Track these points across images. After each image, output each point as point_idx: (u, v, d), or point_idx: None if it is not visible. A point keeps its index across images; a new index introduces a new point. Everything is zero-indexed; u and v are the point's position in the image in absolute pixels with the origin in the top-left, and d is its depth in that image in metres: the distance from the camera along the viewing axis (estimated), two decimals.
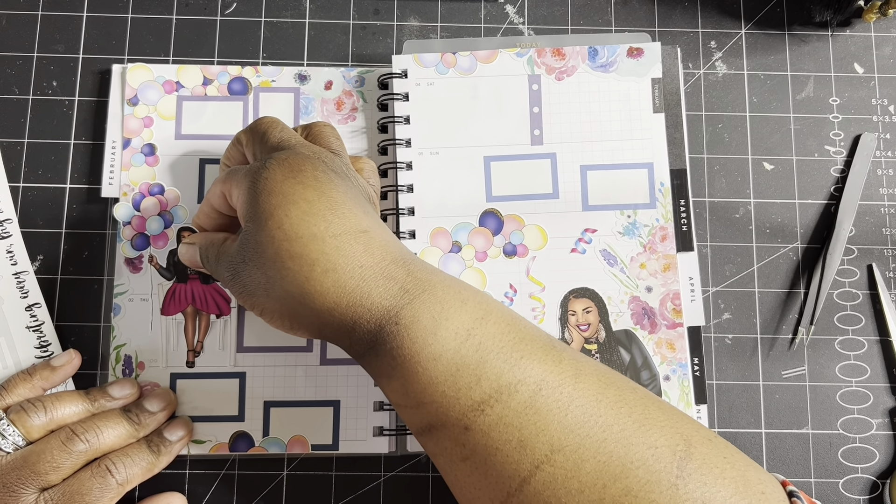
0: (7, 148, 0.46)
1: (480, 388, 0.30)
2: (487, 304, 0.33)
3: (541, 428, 0.29)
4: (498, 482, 0.30)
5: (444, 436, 0.31)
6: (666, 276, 0.44)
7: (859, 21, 0.48)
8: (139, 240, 0.44)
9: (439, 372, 0.30)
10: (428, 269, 0.33)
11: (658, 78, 0.46)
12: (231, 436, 0.42)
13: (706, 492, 0.28)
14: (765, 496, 0.29)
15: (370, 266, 0.32)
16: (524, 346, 0.31)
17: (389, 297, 0.31)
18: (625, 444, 0.29)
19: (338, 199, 0.33)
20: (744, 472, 0.30)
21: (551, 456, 0.29)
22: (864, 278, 0.46)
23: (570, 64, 0.46)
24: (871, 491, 0.43)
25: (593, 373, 0.31)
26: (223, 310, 0.44)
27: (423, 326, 0.31)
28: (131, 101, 0.45)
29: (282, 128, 0.37)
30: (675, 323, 0.43)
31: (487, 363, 0.30)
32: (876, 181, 0.47)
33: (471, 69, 0.46)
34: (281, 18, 0.48)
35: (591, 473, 0.28)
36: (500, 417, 0.30)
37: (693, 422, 0.32)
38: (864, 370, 0.45)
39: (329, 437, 0.42)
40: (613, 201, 0.45)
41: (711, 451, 0.30)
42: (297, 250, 0.32)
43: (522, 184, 0.45)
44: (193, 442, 0.42)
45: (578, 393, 0.30)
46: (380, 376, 0.33)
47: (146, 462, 0.39)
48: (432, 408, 0.31)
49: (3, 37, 0.47)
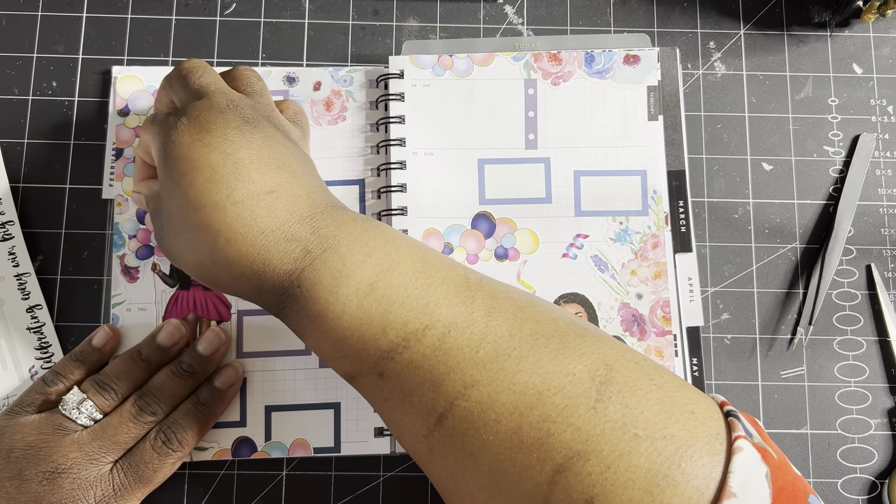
0: (7, 148, 0.46)
1: (387, 338, 0.31)
2: (397, 252, 0.33)
3: (451, 367, 0.30)
4: (417, 419, 0.31)
5: (363, 382, 0.33)
6: (657, 283, 0.44)
7: (858, 21, 0.49)
8: (144, 251, 0.44)
9: (344, 328, 0.31)
10: (337, 222, 0.33)
11: (654, 86, 0.46)
12: (233, 441, 0.42)
13: (627, 413, 0.28)
14: (694, 415, 0.29)
15: (272, 230, 0.32)
16: (433, 291, 0.32)
17: (290, 261, 0.32)
18: (540, 373, 0.29)
19: (245, 159, 0.33)
20: (672, 393, 0.29)
21: (464, 391, 0.30)
22: (862, 278, 0.46)
23: (567, 69, 0.46)
24: (869, 491, 0.43)
25: (509, 308, 0.32)
26: (224, 316, 0.44)
27: (323, 286, 0.31)
28: (122, 111, 0.45)
29: (202, 72, 0.37)
30: (664, 331, 0.43)
31: (392, 314, 0.31)
32: (875, 181, 0.47)
33: (467, 71, 0.46)
34: (280, 19, 0.48)
35: (507, 404, 0.29)
36: (410, 362, 0.31)
37: (620, 346, 0.32)
38: (862, 370, 0.45)
39: (331, 440, 0.42)
40: (606, 207, 0.45)
41: (636, 374, 0.30)
42: (202, 220, 0.33)
43: (516, 187, 0.45)
44: (196, 449, 0.42)
45: (490, 330, 0.31)
46: (297, 333, 0.34)
47: (200, 422, 0.40)
48: (346, 361, 0.32)
49: (3, 37, 0.47)
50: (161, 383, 0.40)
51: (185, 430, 0.39)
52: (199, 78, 0.37)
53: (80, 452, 0.37)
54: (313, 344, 0.33)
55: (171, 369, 0.40)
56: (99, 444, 0.38)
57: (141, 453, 0.38)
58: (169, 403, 0.40)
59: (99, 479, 0.37)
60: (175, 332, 0.42)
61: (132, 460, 0.38)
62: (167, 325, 0.42)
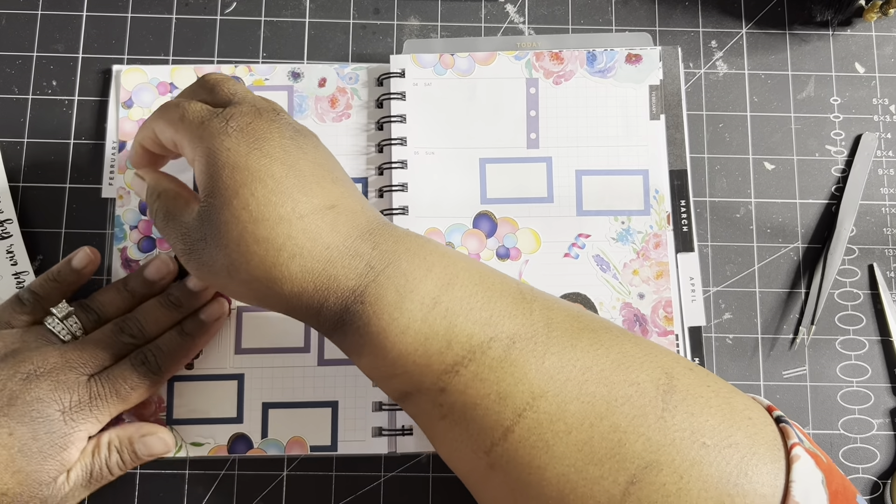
0: (7, 148, 0.46)
1: (452, 351, 0.30)
2: (454, 266, 0.32)
3: (518, 378, 0.30)
4: (480, 434, 0.30)
5: (420, 400, 0.32)
6: (658, 283, 0.44)
7: (860, 20, 0.48)
8: (146, 242, 0.44)
9: (408, 343, 0.31)
10: (394, 238, 0.33)
11: (656, 85, 0.45)
12: (230, 438, 0.42)
13: (694, 422, 0.28)
14: (752, 421, 0.29)
15: (336, 245, 0.32)
16: (493, 304, 0.31)
17: (355, 277, 0.31)
18: (606, 383, 0.29)
19: (306, 171, 0.32)
20: (729, 400, 0.30)
21: (533, 403, 0.29)
22: (864, 278, 0.46)
23: (568, 68, 0.46)
24: (871, 491, 0.43)
25: (565, 319, 0.32)
26: None
27: (388, 302, 0.31)
28: (126, 103, 0.45)
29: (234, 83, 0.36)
30: (666, 330, 0.43)
31: (456, 327, 0.30)
32: (877, 181, 0.47)
33: (469, 70, 0.45)
34: (281, 18, 0.48)
35: (577, 414, 0.29)
36: (475, 374, 0.30)
37: (671, 354, 0.32)
38: (864, 370, 0.45)
39: (328, 438, 0.42)
40: (608, 207, 0.45)
41: (694, 381, 0.30)
42: (264, 234, 0.31)
43: (517, 187, 0.45)
44: (192, 444, 0.42)
45: (553, 341, 0.30)
46: (351, 353, 0.33)
47: (179, 348, 0.40)
48: (405, 377, 0.31)
49: (3, 36, 0.47)
50: (146, 310, 0.40)
51: (165, 354, 0.39)
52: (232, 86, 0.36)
53: (61, 359, 0.37)
54: (369, 362, 0.32)
55: (157, 299, 0.41)
56: (79, 353, 0.38)
57: (120, 369, 0.38)
58: (151, 329, 0.40)
59: (77, 384, 0.37)
60: (163, 267, 0.42)
61: (111, 374, 0.38)
62: (156, 259, 0.42)
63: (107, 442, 0.39)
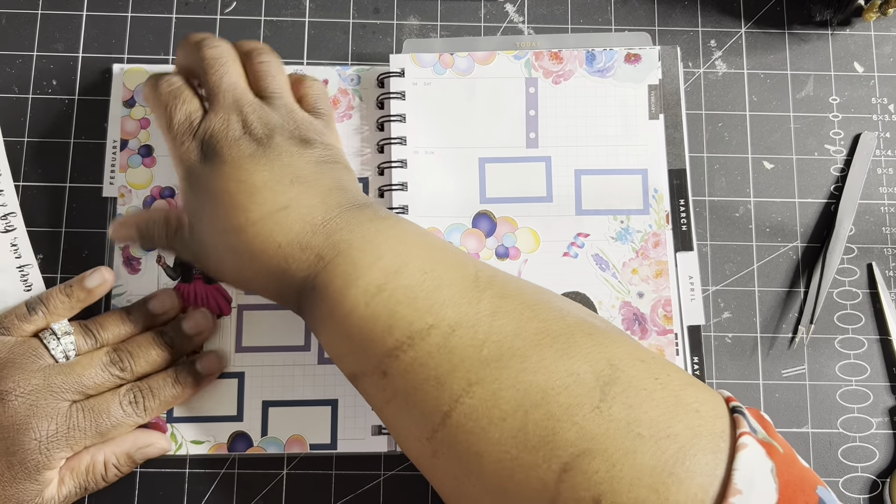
0: (7, 147, 0.46)
1: (392, 336, 0.32)
2: (407, 254, 0.34)
3: (455, 365, 0.31)
4: (422, 419, 0.31)
5: (366, 382, 0.34)
6: (658, 282, 0.44)
7: (859, 20, 0.48)
8: None
9: (352, 326, 0.33)
10: (350, 226, 0.35)
11: (655, 84, 0.46)
12: (230, 436, 0.42)
13: (631, 413, 0.28)
14: (699, 414, 0.29)
15: (287, 242, 0.35)
16: (440, 292, 0.33)
17: (305, 268, 0.35)
18: (544, 372, 0.30)
19: (258, 183, 0.36)
20: (677, 392, 0.30)
21: (469, 388, 0.30)
22: (863, 277, 0.46)
23: (568, 68, 0.46)
24: (870, 490, 0.43)
25: (516, 307, 0.32)
26: (224, 310, 0.44)
27: (335, 288, 0.33)
28: (128, 102, 0.45)
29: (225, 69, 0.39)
30: (665, 329, 0.43)
31: (398, 314, 0.32)
32: (876, 180, 0.47)
33: (468, 70, 0.46)
34: (281, 17, 0.48)
35: (511, 401, 0.29)
36: (415, 360, 0.31)
37: (628, 344, 0.32)
38: (863, 369, 0.45)
39: (327, 437, 0.42)
40: (607, 206, 0.45)
41: (641, 373, 0.30)
42: (229, 243, 0.36)
43: (516, 186, 0.45)
44: (192, 442, 0.42)
45: (495, 329, 0.31)
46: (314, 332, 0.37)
47: (170, 396, 0.40)
48: (351, 358, 0.34)
49: (3, 35, 0.47)
50: (138, 344, 0.40)
51: (155, 399, 0.40)
52: (221, 77, 0.38)
53: (43, 382, 0.37)
54: (326, 341, 0.35)
55: (152, 334, 0.41)
56: (63, 378, 0.38)
57: (106, 403, 0.38)
58: (141, 367, 0.40)
59: (56, 412, 0.37)
60: (166, 301, 0.42)
61: (95, 405, 0.38)
62: (161, 292, 0.42)
63: (102, 460, 0.39)
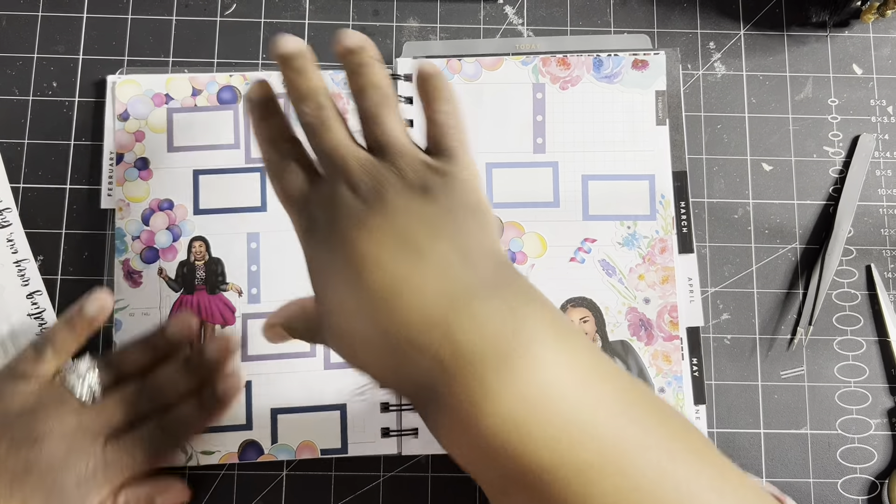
0: (7, 149, 0.46)
1: (537, 457, 0.26)
2: (550, 371, 0.26)
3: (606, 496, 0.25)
4: None
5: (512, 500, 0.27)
6: (664, 287, 0.44)
7: (857, 22, 0.49)
8: (148, 253, 0.44)
9: (488, 446, 0.26)
10: (478, 322, 0.27)
11: (662, 90, 0.46)
12: (240, 445, 0.42)
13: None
14: None
15: (397, 343, 0.28)
16: (591, 413, 0.26)
17: (422, 374, 0.27)
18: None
19: (362, 252, 0.29)
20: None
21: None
22: (862, 279, 0.46)
23: (575, 74, 0.46)
24: (869, 491, 0.43)
25: (684, 448, 0.27)
26: (228, 320, 0.44)
27: (462, 408, 0.26)
28: (122, 116, 0.45)
29: (334, 132, 0.32)
30: (671, 335, 0.43)
31: (540, 438, 0.26)
32: (874, 182, 0.47)
33: (476, 76, 0.46)
34: (280, 19, 0.48)
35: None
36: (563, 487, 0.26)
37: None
38: (862, 371, 0.45)
39: (338, 441, 0.42)
40: (614, 212, 0.45)
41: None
42: (345, 349, 0.31)
43: (523, 191, 0.45)
44: (202, 453, 0.42)
45: (651, 465, 0.26)
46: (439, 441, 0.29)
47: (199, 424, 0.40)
48: (491, 474, 0.27)
49: (3, 38, 0.47)
50: (166, 375, 0.40)
51: (183, 426, 0.40)
52: (330, 141, 0.32)
53: (76, 421, 0.37)
54: (457, 453, 0.28)
55: (176, 365, 0.41)
56: (95, 417, 0.38)
57: (138, 436, 0.38)
58: (170, 395, 0.40)
59: (92, 450, 0.37)
60: (185, 327, 0.42)
61: (128, 441, 0.38)
62: (180, 317, 0.42)
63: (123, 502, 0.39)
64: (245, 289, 0.44)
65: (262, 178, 0.45)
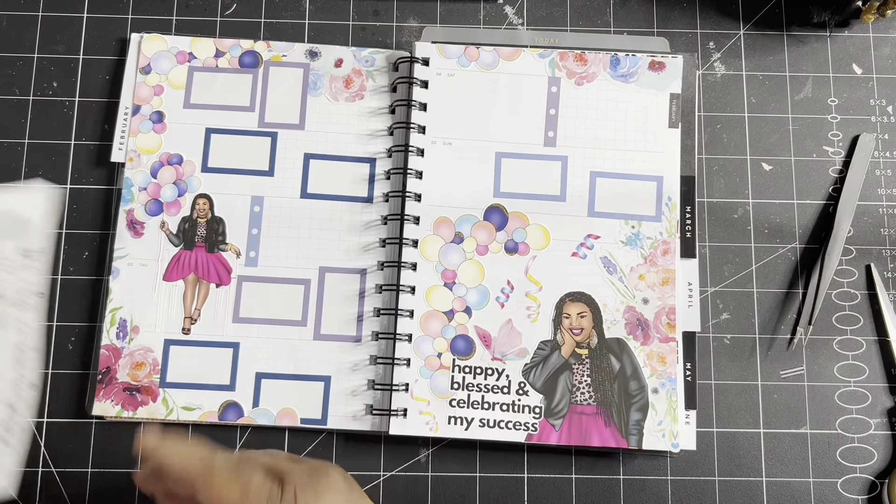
0: (7, 148, 0.46)
1: None
2: None
3: None
4: None
5: None
6: (664, 289, 0.44)
7: (857, 22, 0.49)
8: (153, 205, 0.45)
9: None
10: None
11: (677, 94, 0.46)
12: (221, 405, 0.43)
13: None
14: None
15: None
16: None
17: None
18: None
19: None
20: None
21: None
22: (862, 278, 0.46)
23: (592, 70, 0.46)
24: (869, 490, 0.43)
25: None
26: (224, 280, 0.44)
27: None
28: (144, 69, 0.46)
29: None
30: (668, 337, 0.43)
31: None
32: (874, 181, 0.47)
33: (493, 65, 0.46)
34: (281, 19, 0.48)
35: None
36: None
37: None
38: (862, 370, 0.45)
39: (318, 412, 0.43)
40: (619, 210, 0.45)
41: None
42: None
43: (531, 183, 0.45)
44: (183, 408, 0.42)
45: None
46: None
47: None
48: None
49: (4, 38, 0.47)
50: None
51: None
52: None
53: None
54: None
55: None
56: None
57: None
58: None
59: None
60: None
61: None
62: None
63: None
64: (244, 251, 0.44)
65: (272, 144, 0.46)
